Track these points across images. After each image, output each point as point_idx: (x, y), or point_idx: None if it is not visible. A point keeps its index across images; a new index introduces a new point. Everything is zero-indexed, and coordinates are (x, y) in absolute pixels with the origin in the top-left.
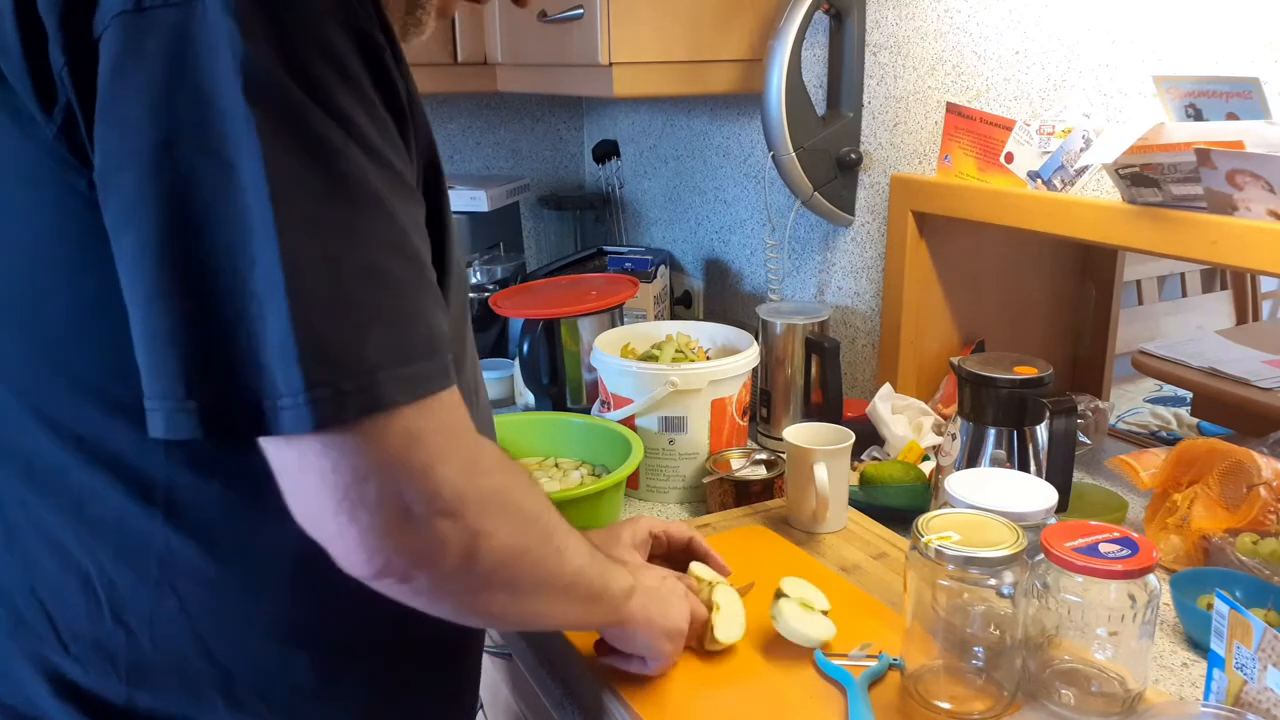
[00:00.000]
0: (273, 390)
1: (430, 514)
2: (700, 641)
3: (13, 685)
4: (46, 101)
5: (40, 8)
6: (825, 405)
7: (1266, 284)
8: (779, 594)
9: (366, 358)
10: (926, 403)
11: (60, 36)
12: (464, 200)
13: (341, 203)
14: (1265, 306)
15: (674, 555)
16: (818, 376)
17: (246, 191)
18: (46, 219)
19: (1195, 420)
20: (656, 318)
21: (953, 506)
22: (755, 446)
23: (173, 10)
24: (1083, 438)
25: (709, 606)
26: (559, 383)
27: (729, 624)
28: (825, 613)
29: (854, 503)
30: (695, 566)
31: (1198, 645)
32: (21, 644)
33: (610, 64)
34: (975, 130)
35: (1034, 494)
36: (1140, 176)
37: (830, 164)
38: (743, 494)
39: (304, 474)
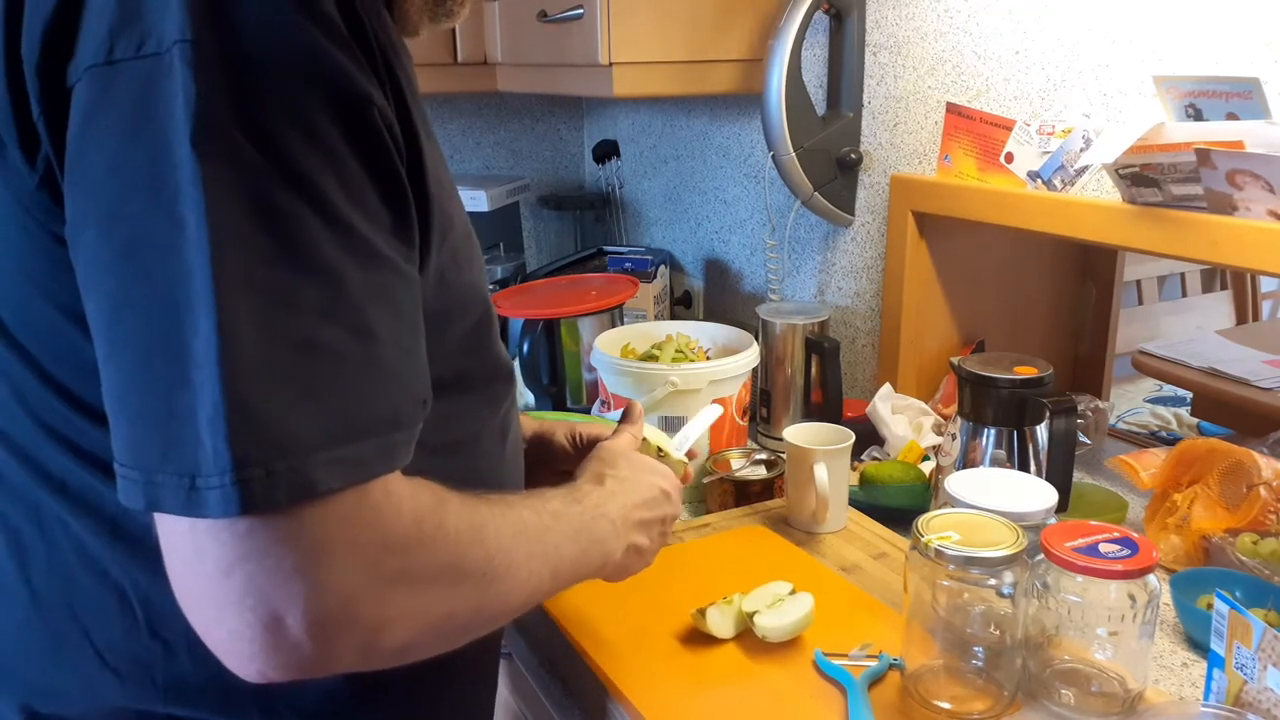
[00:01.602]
0: (205, 467)
1: (332, 617)
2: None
3: (55, 702)
4: (30, 151)
5: (23, 53)
6: (825, 405)
7: (1266, 284)
8: (750, 617)
9: (299, 435)
10: (926, 403)
11: (36, 85)
12: (464, 200)
13: (285, 268)
14: (1265, 306)
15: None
16: (818, 376)
17: (190, 248)
18: (40, 267)
19: (1195, 420)
20: (656, 318)
21: (953, 506)
22: (755, 446)
23: (142, 63)
24: (1083, 438)
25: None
26: (559, 383)
27: (723, 619)
28: (793, 591)
29: (854, 503)
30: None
31: (1198, 645)
32: (62, 663)
33: (610, 64)
34: (975, 130)
35: (1034, 494)
36: (1140, 176)
37: (830, 164)
38: (743, 494)
39: (198, 557)
